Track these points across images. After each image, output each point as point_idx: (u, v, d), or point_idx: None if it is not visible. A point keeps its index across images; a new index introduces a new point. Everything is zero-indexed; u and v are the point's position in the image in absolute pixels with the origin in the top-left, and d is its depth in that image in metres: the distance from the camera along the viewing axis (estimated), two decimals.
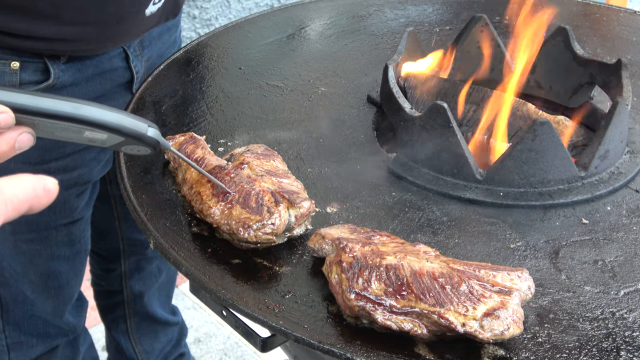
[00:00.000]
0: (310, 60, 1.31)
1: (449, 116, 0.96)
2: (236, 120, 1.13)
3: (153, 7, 1.20)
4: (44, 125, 0.69)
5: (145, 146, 0.76)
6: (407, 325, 0.73)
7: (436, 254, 0.80)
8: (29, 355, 1.50)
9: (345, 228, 0.85)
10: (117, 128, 0.72)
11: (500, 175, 0.97)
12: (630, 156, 1.05)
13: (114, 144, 0.74)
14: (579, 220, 0.94)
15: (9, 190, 0.51)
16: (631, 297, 0.82)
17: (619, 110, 0.99)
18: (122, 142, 0.74)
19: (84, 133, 0.71)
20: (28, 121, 0.67)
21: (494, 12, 1.51)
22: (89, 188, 1.39)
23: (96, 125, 0.70)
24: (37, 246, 1.37)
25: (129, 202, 0.92)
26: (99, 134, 0.72)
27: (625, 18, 1.52)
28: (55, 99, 0.69)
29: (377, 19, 1.47)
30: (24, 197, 0.52)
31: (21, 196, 0.52)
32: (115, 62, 1.27)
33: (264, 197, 0.85)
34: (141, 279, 1.73)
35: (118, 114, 0.72)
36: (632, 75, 1.28)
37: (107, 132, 0.72)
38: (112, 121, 0.71)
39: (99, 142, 0.73)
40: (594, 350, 0.74)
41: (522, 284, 0.75)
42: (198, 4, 2.68)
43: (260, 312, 0.76)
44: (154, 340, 1.83)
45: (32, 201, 0.52)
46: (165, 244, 0.85)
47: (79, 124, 0.70)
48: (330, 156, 1.05)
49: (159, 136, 0.77)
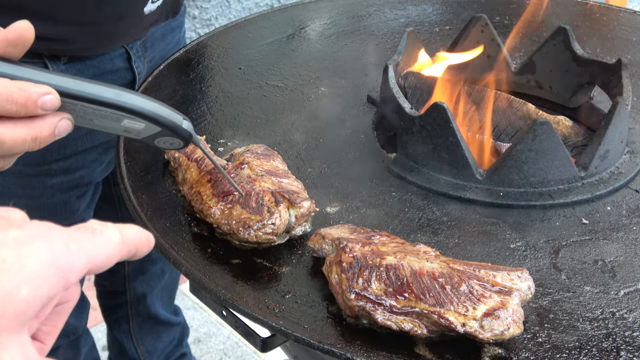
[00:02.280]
0: (310, 60, 1.31)
1: (449, 116, 0.96)
2: (236, 120, 1.13)
3: (152, 5, 1.19)
4: (84, 112, 0.68)
5: (179, 138, 0.76)
6: (407, 325, 0.73)
7: (436, 254, 0.80)
8: None
9: (345, 228, 0.85)
10: (156, 117, 0.72)
11: (500, 175, 0.97)
12: (630, 156, 1.05)
13: (149, 135, 0.74)
14: (579, 220, 0.94)
15: (127, 233, 0.52)
16: (631, 297, 0.82)
17: (619, 110, 0.99)
18: (157, 133, 0.74)
19: (123, 121, 0.70)
20: (69, 106, 0.67)
21: (494, 12, 1.51)
22: (91, 190, 1.39)
23: (136, 113, 0.70)
24: None
25: (129, 202, 0.92)
26: (137, 123, 0.71)
27: (625, 18, 1.52)
28: (98, 84, 0.68)
29: (377, 19, 1.47)
30: (136, 241, 0.53)
31: (135, 241, 0.53)
32: (117, 63, 1.27)
33: (264, 197, 0.85)
34: (145, 280, 1.73)
35: (156, 103, 0.72)
36: (632, 75, 1.28)
37: (145, 122, 0.71)
38: (151, 110, 0.71)
39: (134, 133, 0.73)
40: (594, 350, 0.74)
41: (522, 284, 0.75)
42: (198, 4, 2.68)
43: (260, 312, 0.76)
44: (156, 341, 1.84)
45: (139, 247, 0.53)
46: (165, 244, 0.85)
47: (120, 111, 0.69)
48: (330, 156, 1.05)
49: (192, 129, 0.77)
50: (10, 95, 0.63)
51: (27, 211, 0.63)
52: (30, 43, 0.65)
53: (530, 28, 1.40)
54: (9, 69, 0.64)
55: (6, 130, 0.64)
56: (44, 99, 0.64)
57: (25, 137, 0.65)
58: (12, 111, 0.63)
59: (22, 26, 0.64)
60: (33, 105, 0.64)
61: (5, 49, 0.65)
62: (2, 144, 0.64)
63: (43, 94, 0.64)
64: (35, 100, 0.64)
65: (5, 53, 0.65)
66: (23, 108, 0.64)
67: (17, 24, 0.64)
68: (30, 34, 0.65)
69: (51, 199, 1.30)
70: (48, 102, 0.64)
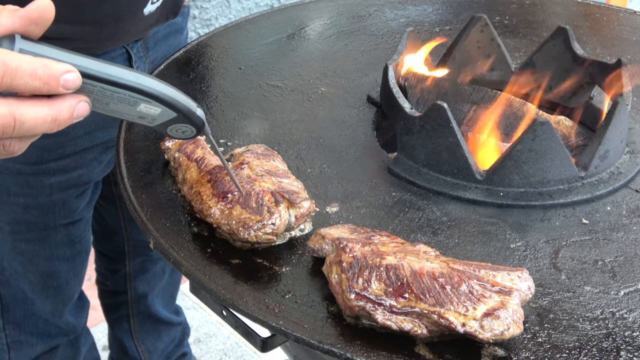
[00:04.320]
0: (310, 60, 1.31)
1: (449, 116, 0.96)
2: (236, 120, 1.13)
3: (151, 6, 1.19)
4: (102, 94, 0.68)
5: (193, 125, 0.75)
6: (407, 325, 0.73)
7: (436, 254, 0.80)
8: (29, 355, 1.50)
9: (345, 228, 0.85)
10: (172, 102, 0.71)
11: (500, 175, 0.97)
12: (630, 156, 1.05)
13: (163, 122, 0.73)
14: (579, 220, 0.94)
15: None
16: (631, 297, 0.82)
17: (619, 110, 0.99)
18: (171, 120, 0.73)
19: (139, 106, 0.70)
20: (88, 88, 0.67)
21: (494, 12, 1.51)
22: (90, 189, 1.39)
23: (154, 96, 0.70)
24: (36, 246, 1.37)
25: (129, 202, 0.92)
26: (153, 108, 0.71)
27: (625, 18, 1.52)
28: (118, 67, 0.68)
29: (377, 19, 1.47)
30: None
31: None
32: (117, 63, 1.27)
33: (264, 197, 0.85)
34: (145, 280, 1.73)
35: (172, 88, 0.72)
36: (632, 76, 1.27)
37: (161, 106, 0.71)
38: (168, 94, 0.71)
39: (149, 119, 0.73)
40: (594, 350, 0.74)
41: (522, 284, 0.75)
42: (198, 4, 2.68)
43: (260, 312, 0.76)
44: (157, 340, 1.84)
45: None
46: (165, 244, 0.85)
47: (138, 94, 0.69)
48: (330, 156, 1.05)
49: (204, 117, 0.76)
50: (34, 71, 0.62)
51: (26, 210, 0.63)
52: (51, 21, 0.65)
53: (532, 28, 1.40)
54: (31, 47, 0.64)
55: (26, 109, 0.64)
56: (66, 77, 0.64)
57: (45, 118, 0.64)
58: (34, 88, 0.63)
59: (43, 4, 0.64)
60: (55, 83, 0.63)
61: (27, 27, 0.64)
62: (22, 124, 0.64)
63: (66, 71, 0.64)
64: (58, 77, 0.63)
65: (27, 31, 0.65)
66: (46, 85, 0.63)
67: (38, 2, 0.64)
68: (51, 12, 0.65)
69: (49, 197, 1.30)
70: (70, 80, 0.64)
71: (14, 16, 0.64)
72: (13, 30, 0.64)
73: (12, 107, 0.63)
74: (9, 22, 0.64)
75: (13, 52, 0.63)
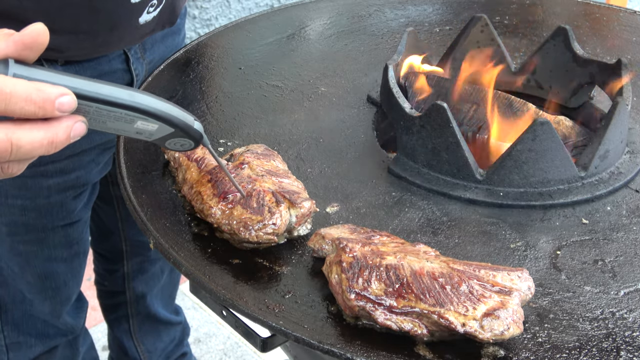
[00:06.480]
0: (310, 60, 1.31)
1: (449, 116, 0.96)
2: (236, 120, 1.13)
3: (147, 16, 1.19)
4: (98, 114, 0.68)
5: (191, 139, 0.75)
6: (407, 325, 0.73)
7: (436, 254, 0.80)
8: (27, 355, 1.50)
9: (345, 228, 0.85)
10: (169, 118, 0.71)
11: (500, 175, 0.97)
12: (630, 156, 1.05)
13: (161, 137, 0.74)
14: (579, 220, 0.94)
15: None
16: (631, 297, 0.82)
17: (619, 110, 0.99)
18: (169, 134, 0.73)
19: (136, 123, 0.70)
20: (84, 109, 0.67)
21: (494, 12, 1.52)
22: (88, 190, 1.39)
23: (150, 114, 0.70)
24: (34, 247, 1.36)
25: (129, 202, 0.92)
26: (150, 125, 0.71)
27: (625, 18, 1.52)
28: (112, 86, 0.68)
29: (377, 19, 1.47)
30: None
31: None
32: (115, 65, 1.26)
33: (265, 197, 0.85)
34: (144, 280, 1.73)
35: (169, 104, 0.72)
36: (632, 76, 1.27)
37: (158, 123, 0.71)
38: (164, 110, 0.71)
39: (146, 135, 0.73)
40: (594, 350, 0.74)
41: (522, 284, 0.75)
42: (198, 4, 2.68)
43: (260, 312, 0.76)
44: (157, 340, 1.84)
45: None
46: (165, 244, 0.85)
47: (134, 112, 0.69)
48: (330, 156, 1.05)
49: (202, 130, 0.76)
50: (29, 96, 0.63)
51: (24, 211, 0.63)
52: (45, 46, 0.65)
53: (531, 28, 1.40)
54: (25, 71, 0.64)
55: (23, 133, 0.64)
56: (61, 101, 0.64)
57: (42, 141, 0.64)
58: (29, 112, 0.63)
59: (38, 29, 0.64)
60: (51, 107, 0.64)
61: (21, 52, 0.64)
62: (19, 148, 0.64)
63: (60, 94, 0.64)
64: (53, 101, 0.63)
65: (21, 56, 0.65)
66: (41, 109, 0.63)
67: (32, 27, 0.64)
68: (45, 37, 0.65)
69: (47, 199, 1.30)
70: (65, 103, 0.64)
71: (8, 41, 0.64)
72: (6, 55, 0.64)
73: (8, 132, 0.63)
74: (2, 46, 0.64)
75: (7, 77, 0.63)
